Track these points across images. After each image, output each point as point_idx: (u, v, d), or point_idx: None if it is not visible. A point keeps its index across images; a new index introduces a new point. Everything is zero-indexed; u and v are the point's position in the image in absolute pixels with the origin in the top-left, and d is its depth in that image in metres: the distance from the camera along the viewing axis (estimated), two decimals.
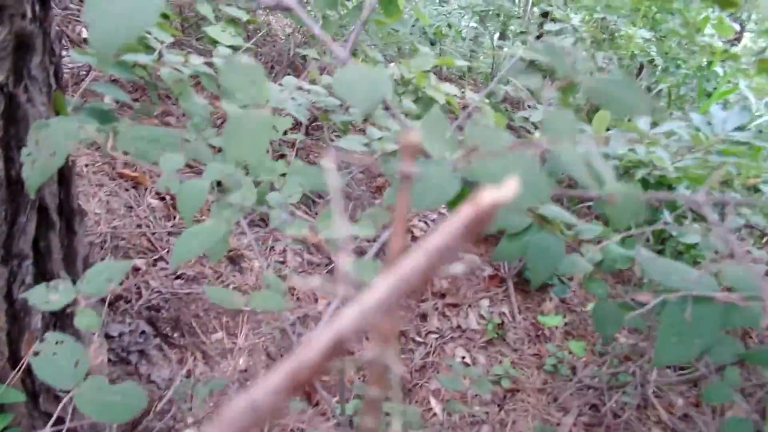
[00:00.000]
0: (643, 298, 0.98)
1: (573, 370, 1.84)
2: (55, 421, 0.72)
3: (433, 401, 1.69)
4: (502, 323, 2.04)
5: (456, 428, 1.62)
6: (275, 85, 1.34)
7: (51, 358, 0.70)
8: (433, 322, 1.98)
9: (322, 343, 0.19)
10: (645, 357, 1.58)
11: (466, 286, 2.18)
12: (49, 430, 0.68)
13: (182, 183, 0.62)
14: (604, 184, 0.46)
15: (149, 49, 1.21)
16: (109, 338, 1.17)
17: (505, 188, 0.18)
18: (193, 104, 1.09)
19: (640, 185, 1.91)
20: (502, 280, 2.19)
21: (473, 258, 2.34)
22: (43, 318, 0.92)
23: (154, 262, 1.50)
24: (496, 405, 1.71)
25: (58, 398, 0.98)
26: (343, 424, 1.07)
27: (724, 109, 2.42)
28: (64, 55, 2.06)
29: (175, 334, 1.34)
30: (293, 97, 1.30)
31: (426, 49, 2.42)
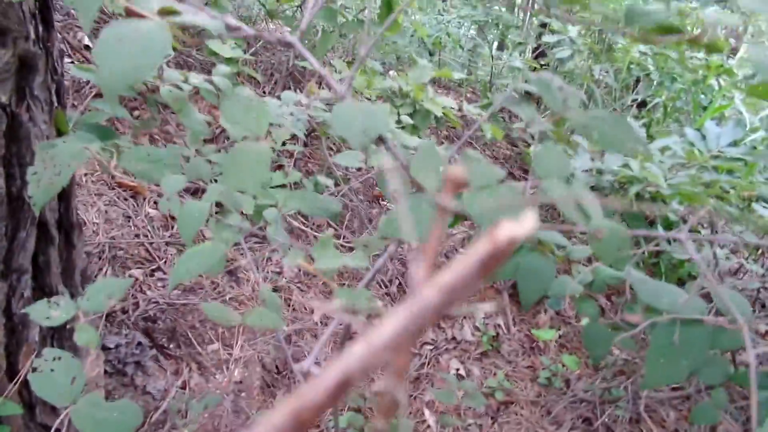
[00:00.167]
0: (633, 319, 0.99)
1: (567, 383, 1.85)
2: None
3: (427, 413, 1.70)
4: (497, 335, 2.05)
5: None
6: (274, 100, 1.35)
7: (48, 375, 0.72)
8: (428, 333, 1.99)
9: (327, 382, 0.18)
10: (638, 372, 1.60)
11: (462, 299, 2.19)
12: None
13: (183, 204, 0.64)
14: (590, 219, 0.47)
15: None
16: (106, 350, 1.18)
17: (522, 223, 0.18)
18: (192, 120, 1.10)
19: (635, 200, 1.93)
20: (498, 292, 2.21)
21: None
22: (40, 331, 0.93)
23: (152, 273, 1.51)
24: (490, 417, 1.72)
25: (55, 410, 0.98)
26: None
27: (719, 124, 2.45)
28: (67, 61, 2.07)
29: (171, 345, 1.35)
30: (292, 112, 1.31)
31: (424, 61, 2.44)
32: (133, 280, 1.37)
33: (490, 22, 5.13)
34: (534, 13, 4.56)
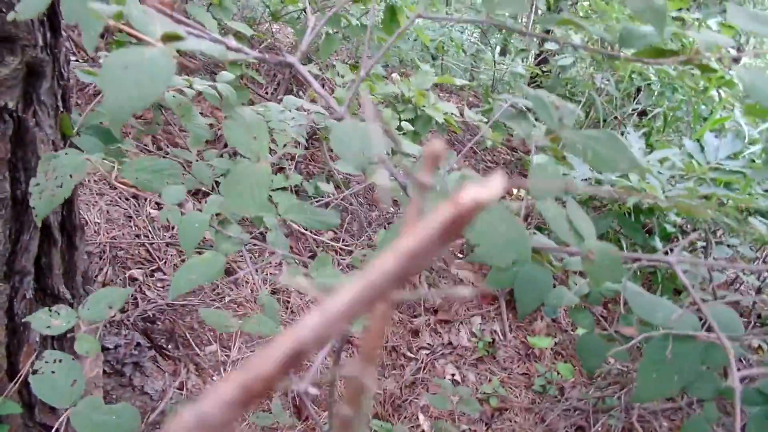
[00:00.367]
0: (628, 331, 1.00)
1: (561, 391, 1.86)
2: None
3: (422, 417, 1.71)
4: (493, 341, 2.06)
5: None
6: (276, 105, 1.36)
7: (49, 377, 0.73)
8: (425, 337, 2.01)
9: (279, 352, 0.17)
10: (631, 382, 1.61)
11: (459, 303, 2.20)
12: None
13: (183, 215, 0.65)
14: (583, 240, 0.49)
15: None
16: (105, 350, 1.19)
17: (489, 186, 0.17)
18: (195, 125, 1.11)
19: (633, 211, 1.94)
20: (495, 298, 2.22)
21: (466, 274, 2.37)
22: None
23: (152, 273, 1.52)
24: (484, 423, 1.74)
25: (54, 410, 1.00)
26: None
27: (718, 136, 2.46)
28: (72, 59, 2.08)
29: (170, 346, 1.36)
30: (294, 117, 1.33)
31: (427, 66, 2.45)
32: (133, 289, 1.39)
33: (493, 27, 5.10)
34: (536, 20, 4.57)
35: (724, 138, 2.29)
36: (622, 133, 3.34)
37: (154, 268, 1.53)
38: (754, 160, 2.35)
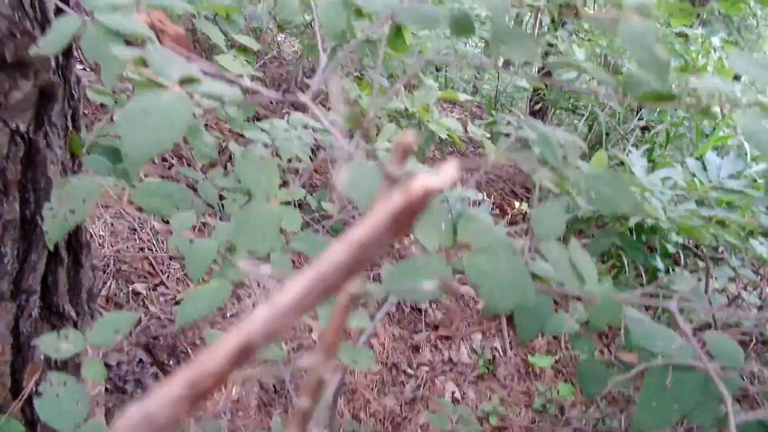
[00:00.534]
0: (628, 357, 1.01)
1: (561, 410, 1.86)
2: None
3: None
4: (494, 358, 2.06)
5: None
6: (282, 123, 1.38)
7: (54, 400, 0.73)
8: (425, 354, 2.01)
9: (226, 348, 0.17)
10: (632, 403, 1.61)
11: (460, 319, 2.21)
12: None
13: (192, 243, 0.66)
14: (585, 283, 0.49)
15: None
16: (108, 367, 1.19)
17: (441, 174, 0.16)
18: (202, 143, 1.13)
19: (635, 230, 1.95)
20: (495, 315, 2.22)
21: (468, 290, 2.37)
22: None
23: (155, 287, 1.53)
24: None
25: (56, 429, 1.00)
26: None
27: (720, 154, 2.47)
28: (79, 67, 2.10)
29: (171, 362, 1.37)
30: (300, 136, 1.34)
31: (430, 81, 2.47)
32: (140, 315, 1.39)
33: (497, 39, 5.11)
34: (541, 34, 4.60)
35: (727, 156, 2.30)
36: (624, 149, 3.36)
37: (157, 282, 1.53)
38: (756, 180, 2.36)
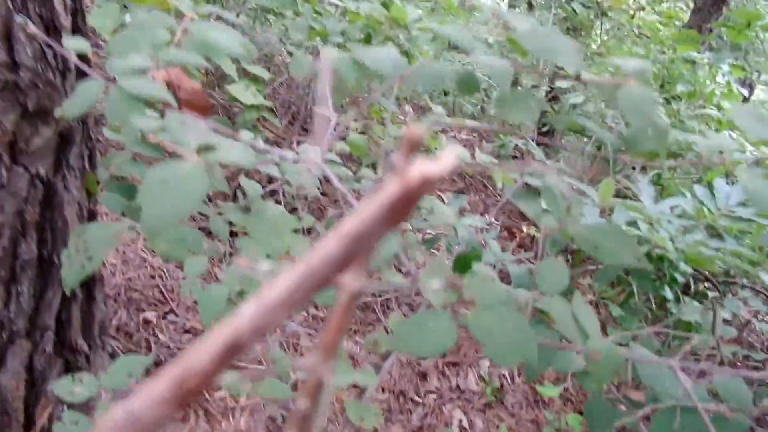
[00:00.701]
0: (636, 396, 1.01)
1: None
2: None
3: None
4: (502, 386, 2.05)
5: None
6: (292, 154, 1.40)
7: None
8: (433, 381, 2.00)
9: (214, 345, 0.16)
10: None
11: (468, 345, 2.20)
12: None
13: (204, 289, 0.67)
14: (588, 338, 0.50)
15: None
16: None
17: (440, 161, 0.16)
18: (213, 179, 1.15)
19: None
20: None
21: None
22: None
23: (165, 315, 1.55)
24: None
25: None
26: None
27: (729, 181, 2.46)
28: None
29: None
30: (309, 169, 1.36)
31: (439, 108, 2.50)
32: (151, 357, 1.41)
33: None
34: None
35: (736, 183, 2.30)
36: (634, 169, 3.36)
37: (167, 310, 1.55)
38: None
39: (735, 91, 3.28)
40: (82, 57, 0.75)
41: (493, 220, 3.21)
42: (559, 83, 4.08)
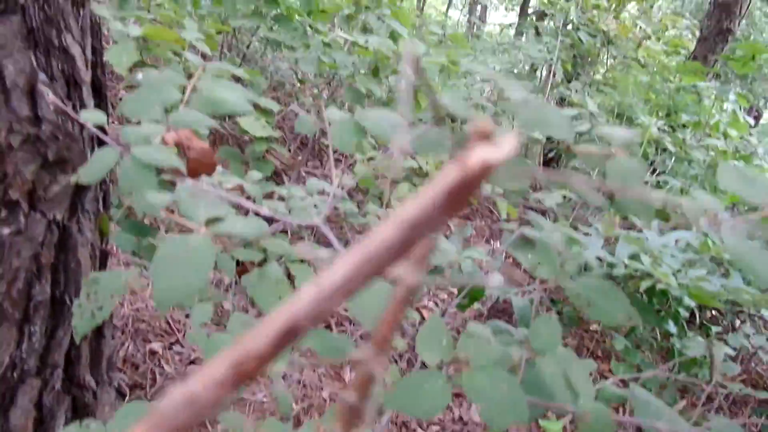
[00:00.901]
0: None
1: None
2: None
3: None
4: None
5: None
6: (299, 192, 1.44)
7: None
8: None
9: (272, 329, 0.16)
10: None
11: None
12: None
13: (209, 337, 0.70)
14: (579, 398, 0.52)
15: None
16: None
17: (500, 145, 0.15)
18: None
19: (646, 295, 1.95)
20: None
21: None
22: (65, 420, 0.99)
23: (170, 346, 1.57)
24: None
25: None
26: None
27: (734, 214, 2.46)
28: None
29: None
30: (315, 204, 1.39)
31: None
32: (157, 398, 1.43)
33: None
34: (554, 85, 4.69)
35: (740, 214, 2.30)
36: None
37: (173, 340, 1.57)
38: None
39: (741, 120, 3.30)
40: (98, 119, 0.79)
41: (499, 246, 3.22)
42: (566, 111, 4.12)
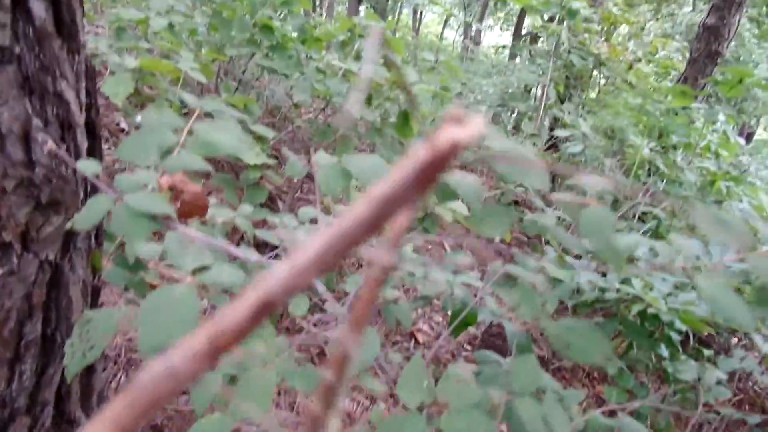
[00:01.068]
0: None
1: None
2: None
3: None
4: None
5: None
6: (292, 220, 1.45)
7: None
8: None
9: (246, 305, 0.17)
10: None
11: None
12: None
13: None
14: None
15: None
16: None
17: (468, 126, 0.16)
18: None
19: (639, 319, 1.96)
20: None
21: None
22: None
23: None
24: None
25: None
26: None
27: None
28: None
29: None
30: (307, 232, 1.41)
31: None
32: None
33: (506, 108, 5.33)
34: (548, 106, 4.75)
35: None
36: (634, 216, 3.39)
37: None
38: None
39: (731, 140, 3.35)
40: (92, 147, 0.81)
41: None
42: (558, 132, 4.17)
